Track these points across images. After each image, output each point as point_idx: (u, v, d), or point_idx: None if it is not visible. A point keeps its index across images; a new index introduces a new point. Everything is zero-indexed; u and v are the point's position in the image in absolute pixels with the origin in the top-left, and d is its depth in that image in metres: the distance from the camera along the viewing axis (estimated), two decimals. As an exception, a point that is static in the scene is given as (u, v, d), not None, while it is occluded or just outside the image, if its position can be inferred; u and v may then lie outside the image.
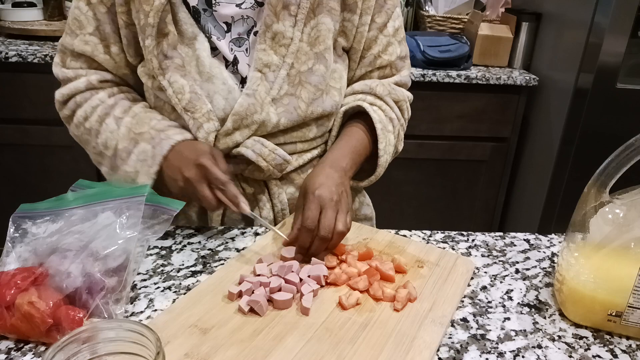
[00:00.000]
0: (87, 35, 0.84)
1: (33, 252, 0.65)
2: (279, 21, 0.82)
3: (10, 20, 1.99)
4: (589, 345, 0.64)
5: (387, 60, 0.94)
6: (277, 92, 0.84)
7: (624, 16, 1.63)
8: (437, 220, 2.19)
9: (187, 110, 0.83)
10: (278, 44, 0.82)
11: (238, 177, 0.90)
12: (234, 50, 0.84)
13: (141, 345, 0.47)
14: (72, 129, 0.90)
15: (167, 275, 0.73)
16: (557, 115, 1.86)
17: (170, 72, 0.82)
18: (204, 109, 0.83)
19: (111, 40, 0.85)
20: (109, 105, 0.86)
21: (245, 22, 0.84)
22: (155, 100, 0.88)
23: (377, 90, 0.92)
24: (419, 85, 1.91)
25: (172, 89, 0.82)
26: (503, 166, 2.11)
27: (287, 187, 0.93)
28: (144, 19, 0.79)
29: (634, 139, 0.62)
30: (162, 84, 0.82)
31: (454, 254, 0.80)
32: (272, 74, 0.83)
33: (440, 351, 0.62)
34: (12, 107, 1.84)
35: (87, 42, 0.85)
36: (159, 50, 0.81)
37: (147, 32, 0.79)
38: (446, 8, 2.17)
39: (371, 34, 0.91)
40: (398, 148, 0.97)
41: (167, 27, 0.80)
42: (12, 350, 0.58)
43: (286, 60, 0.83)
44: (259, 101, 0.83)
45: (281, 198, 0.92)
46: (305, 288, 0.67)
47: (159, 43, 0.81)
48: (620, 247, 0.63)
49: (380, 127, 0.89)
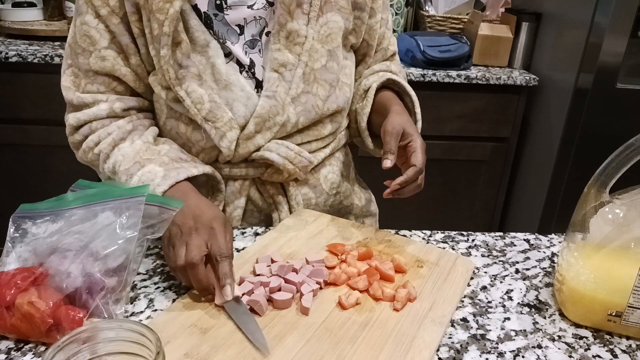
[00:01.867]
0: (102, 50, 0.79)
1: (33, 252, 0.65)
2: (293, 20, 0.82)
3: (10, 20, 1.99)
4: (589, 345, 0.64)
5: (393, 50, 1.01)
6: (295, 91, 0.84)
7: (624, 16, 1.63)
8: (437, 220, 2.18)
9: (207, 120, 0.81)
10: (293, 42, 0.83)
11: (256, 181, 0.90)
12: (248, 53, 0.83)
13: (141, 345, 0.48)
14: (79, 154, 0.87)
15: (167, 275, 0.73)
16: (557, 115, 1.86)
17: (187, 81, 0.79)
18: (226, 118, 0.81)
19: (130, 52, 0.80)
20: (126, 130, 0.82)
21: (258, 23, 0.83)
22: (168, 112, 0.85)
23: (392, 68, 1.00)
24: (419, 85, 1.91)
25: (190, 99, 0.79)
26: (503, 166, 2.11)
27: (302, 188, 0.93)
28: (159, 29, 0.75)
29: (634, 139, 0.62)
30: (179, 94, 0.79)
31: (453, 254, 0.80)
32: (289, 73, 0.83)
33: (440, 351, 0.62)
34: (12, 107, 1.84)
35: (105, 58, 0.80)
36: (174, 60, 0.78)
37: (162, 42, 0.76)
38: (446, 8, 2.17)
39: (381, 30, 0.96)
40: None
41: (180, 36, 0.78)
42: (12, 350, 0.58)
43: (302, 59, 0.83)
44: (280, 102, 0.83)
45: (298, 200, 0.92)
46: (304, 288, 0.67)
47: (173, 52, 0.78)
48: (620, 247, 0.63)
49: (413, 93, 0.95)
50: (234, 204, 0.89)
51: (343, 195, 0.99)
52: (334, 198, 0.97)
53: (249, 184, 0.90)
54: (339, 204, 0.99)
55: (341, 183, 0.98)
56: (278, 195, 0.91)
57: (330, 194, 0.96)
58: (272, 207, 0.92)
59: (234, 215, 0.90)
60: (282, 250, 0.78)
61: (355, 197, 1.02)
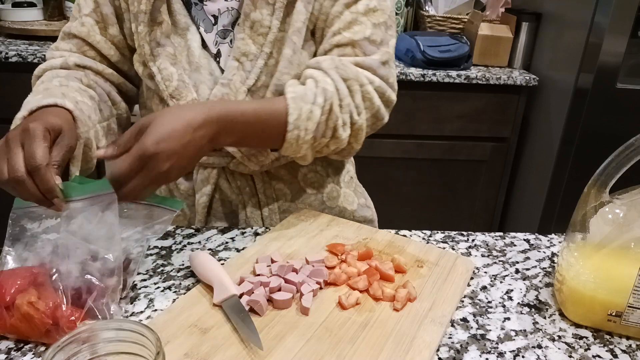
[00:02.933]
0: (84, 17, 0.86)
1: (33, 252, 0.65)
2: (257, 9, 0.81)
3: (10, 20, 1.99)
4: (589, 345, 0.64)
5: (348, 39, 0.82)
6: (253, 81, 0.83)
7: (624, 16, 1.63)
8: (437, 220, 2.19)
9: (172, 97, 0.84)
10: (256, 32, 0.82)
11: (225, 170, 0.91)
12: (218, 43, 0.85)
13: (141, 345, 0.47)
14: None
15: (167, 275, 0.73)
16: (557, 115, 1.86)
17: (161, 59, 0.83)
18: (189, 97, 0.84)
19: (109, 22, 0.86)
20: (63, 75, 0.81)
21: (230, 14, 0.84)
22: (146, 90, 0.89)
23: (322, 64, 0.81)
24: (419, 85, 1.91)
25: (160, 76, 0.83)
26: (503, 166, 2.11)
27: (276, 182, 0.93)
28: (137, 6, 0.81)
29: (634, 139, 0.62)
30: (152, 70, 0.84)
31: (453, 254, 0.80)
32: (250, 64, 0.83)
33: (440, 351, 0.62)
34: (12, 107, 1.83)
35: (84, 24, 0.86)
36: (151, 38, 0.83)
37: (139, 19, 0.81)
38: (446, 8, 2.17)
39: (335, 10, 0.82)
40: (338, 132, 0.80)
41: (162, 16, 0.82)
42: (12, 350, 0.58)
43: (264, 50, 0.82)
44: (233, 91, 0.83)
45: (268, 193, 0.92)
46: (304, 288, 0.67)
47: (152, 31, 0.83)
48: (620, 247, 0.63)
49: (294, 96, 0.76)
50: (201, 191, 0.91)
51: (327, 196, 0.98)
52: (315, 197, 0.97)
53: (217, 172, 0.91)
54: (321, 203, 0.97)
55: (325, 184, 0.97)
56: (246, 187, 0.92)
57: (309, 192, 0.96)
58: (241, 197, 0.92)
59: (200, 202, 0.92)
60: (282, 250, 0.78)
61: (344, 201, 1.00)
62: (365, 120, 0.83)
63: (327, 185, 0.98)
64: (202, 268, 0.70)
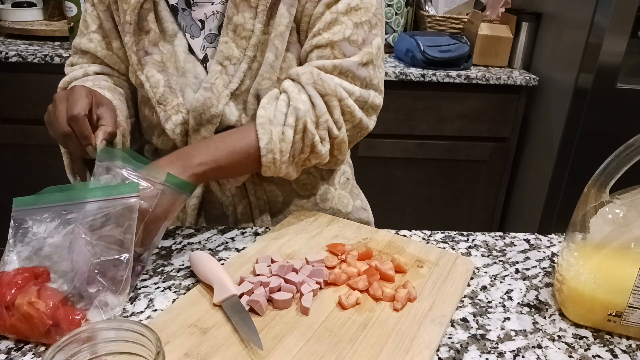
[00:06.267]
0: (91, 34, 0.89)
1: (33, 252, 0.65)
2: (239, 13, 0.81)
3: (10, 20, 1.99)
4: (589, 345, 0.64)
5: (327, 39, 0.80)
6: (236, 85, 0.83)
7: (624, 16, 1.63)
8: (437, 220, 2.19)
9: (159, 103, 0.85)
10: (239, 36, 0.82)
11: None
12: (206, 47, 0.85)
13: (141, 345, 0.48)
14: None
15: (167, 275, 0.73)
16: (557, 115, 1.86)
17: (148, 67, 0.84)
18: (175, 102, 0.84)
19: (112, 37, 0.88)
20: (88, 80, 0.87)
21: (216, 18, 0.85)
22: (140, 97, 0.91)
23: (302, 78, 0.80)
24: (419, 85, 1.92)
25: (149, 83, 0.85)
26: (503, 166, 2.11)
27: (267, 184, 0.93)
28: (123, 17, 0.83)
29: (634, 139, 0.62)
30: (140, 79, 0.85)
31: (453, 254, 0.80)
32: (233, 67, 0.83)
33: (440, 351, 0.62)
34: (12, 107, 1.84)
35: (92, 40, 0.89)
36: (139, 47, 0.84)
37: (126, 29, 0.83)
38: (446, 8, 2.17)
39: (317, 11, 0.81)
40: (317, 148, 0.81)
41: (149, 25, 0.83)
42: (12, 350, 0.58)
43: (247, 54, 0.82)
44: (216, 94, 0.83)
45: (258, 195, 0.93)
46: (304, 288, 0.67)
47: (140, 40, 0.84)
48: (620, 247, 0.63)
49: (262, 122, 0.78)
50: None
51: (320, 197, 0.98)
52: (307, 199, 0.97)
53: None
54: (313, 205, 0.97)
55: (318, 185, 0.97)
56: (237, 189, 0.92)
57: (302, 194, 0.96)
58: (231, 199, 0.93)
59: (189, 204, 0.92)
60: (282, 250, 0.78)
61: (338, 203, 0.99)
62: (345, 133, 0.84)
63: (320, 187, 0.98)
64: (202, 268, 0.70)
